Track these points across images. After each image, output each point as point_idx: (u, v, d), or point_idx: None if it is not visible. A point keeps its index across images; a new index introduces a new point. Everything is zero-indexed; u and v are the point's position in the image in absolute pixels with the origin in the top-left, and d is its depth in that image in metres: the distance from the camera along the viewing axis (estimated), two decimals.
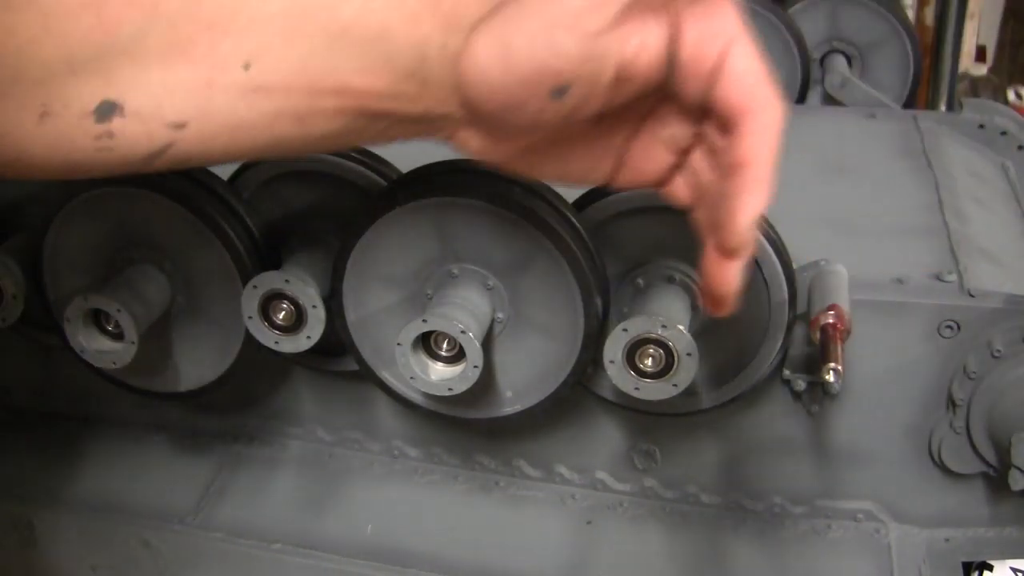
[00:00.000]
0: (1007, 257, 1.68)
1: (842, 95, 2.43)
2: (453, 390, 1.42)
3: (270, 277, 1.49)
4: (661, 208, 1.49)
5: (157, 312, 1.61)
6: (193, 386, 1.73)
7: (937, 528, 1.64)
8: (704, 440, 1.69)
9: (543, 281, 1.46)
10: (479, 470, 1.82)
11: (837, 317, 1.39)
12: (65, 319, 1.54)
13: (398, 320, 1.47)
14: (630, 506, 1.74)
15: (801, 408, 1.62)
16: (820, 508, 1.67)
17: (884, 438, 1.61)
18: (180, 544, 1.79)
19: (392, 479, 1.84)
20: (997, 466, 1.55)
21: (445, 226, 1.46)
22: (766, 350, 1.50)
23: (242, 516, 1.81)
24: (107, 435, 2.00)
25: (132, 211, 1.60)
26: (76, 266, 1.67)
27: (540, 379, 1.53)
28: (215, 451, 1.94)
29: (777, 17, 2.39)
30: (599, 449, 1.75)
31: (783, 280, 1.45)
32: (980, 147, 2.11)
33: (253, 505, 1.83)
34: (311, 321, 1.50)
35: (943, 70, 3.12)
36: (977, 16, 4.99)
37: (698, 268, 0.93)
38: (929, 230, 1.70)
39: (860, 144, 2.05)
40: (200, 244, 1.60)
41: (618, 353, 1.37)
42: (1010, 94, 4.90)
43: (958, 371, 1.53)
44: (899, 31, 2.50)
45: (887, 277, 1.55)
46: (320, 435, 1.90)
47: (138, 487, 1.88)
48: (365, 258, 1.51)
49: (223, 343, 1.67)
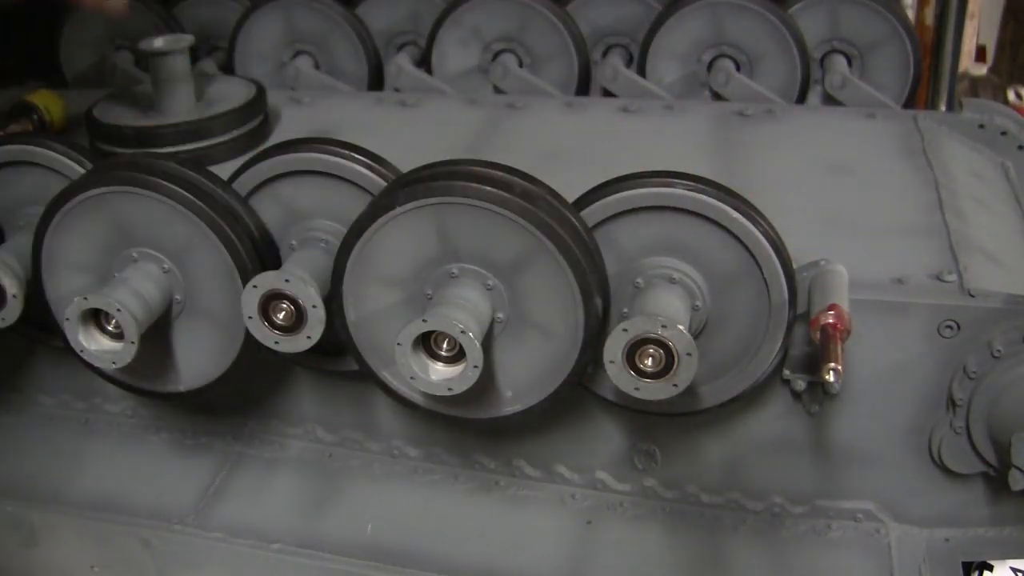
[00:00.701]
0: (1007, 257, 1.68)
1: (842, 95, 2.42)
2: (453, 390, 1.42)
3: (270, 277, 1.49)
4: (661, 208, 1.50)
5: (157, 312, 1.62)
6: (193, 386, 1.73)
7: (937, 528, 1.64)
8: (704, 440, 1.69)
9: (543, 281, 1.46)
10: (479, 470, 1.82)
11: (837, 317, 1.39)
12: (65, 319, 1.55)
13: (398, 320, 1.47)
14: (630, 506, 1.74)
15: (801, 408, 1.62)
16: (820, 508, 1.67)
17: (884, 438, 1.61)
18: (180, 544, 1.79)
19: (392, 479, 1.84)
20: (997, 466, 1.55)
21: (445, 226, 1.46)
22: (766, 350, 1.50)
23: (242, 516, 1.81)
24: (107, 435, 2.01)
25: (132, 211, 1.60)
26: (76, 266, 1.68)
27: (540, 379, 1.53)
28: (215, 451, 1.94)
29: (777, 17, 2.39)
30: (599, 449, 1.75)
31: (783, 280, 1.46)
32: (980, 147, 2.11)
33: (253, 505, 1.83)
34: (311, 321, 1.50)
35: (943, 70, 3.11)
36: (977, 16, 4.99)
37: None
38: (929, 230, 1.70)
39: (860, 144, 2.05)
40: (200, 244, 1.61)
41: (618, 353, 1.37)
42: (1010, 94, 4.90)
43: (958, 371, 1.53)
44: (899, 31, 2.49)
45: (887, 277, 1.55)
46: (320, 435, 1.90)
47: (138, 487, 1.88)
48: (365, 258, 1.51)
49: (223, 343, 1.68)
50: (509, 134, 2.15)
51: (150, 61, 2.02)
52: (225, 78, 2.30)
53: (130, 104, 2.10)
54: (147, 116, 2.03)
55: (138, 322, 1.52)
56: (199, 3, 2.83)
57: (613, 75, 2.49)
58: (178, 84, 2.02)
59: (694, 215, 1.45)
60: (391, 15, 2.76)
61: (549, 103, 2.35)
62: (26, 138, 1.81)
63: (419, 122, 2.26)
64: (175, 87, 2.02)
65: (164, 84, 2.02)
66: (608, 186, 1.49)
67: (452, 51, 2.58)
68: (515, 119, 2.23)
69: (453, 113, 2.30)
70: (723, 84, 2.40)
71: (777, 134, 2.11)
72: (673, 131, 2.14)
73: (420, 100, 2.35)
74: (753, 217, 1.44)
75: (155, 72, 2.02)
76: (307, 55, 2.63)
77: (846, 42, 2.53)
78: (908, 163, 1.95)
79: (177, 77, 2.02)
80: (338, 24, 2.58)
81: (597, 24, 2.64)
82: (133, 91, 2.20)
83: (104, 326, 1.57)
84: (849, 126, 2.15)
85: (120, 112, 2.05)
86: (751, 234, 1.44)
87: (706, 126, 2.15)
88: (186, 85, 2.04)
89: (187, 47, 2.03)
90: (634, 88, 2.46)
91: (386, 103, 2.37)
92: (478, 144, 2.09)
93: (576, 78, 2.53)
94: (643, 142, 2.11)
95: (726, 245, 1.46)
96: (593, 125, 2.21)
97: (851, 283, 1.49)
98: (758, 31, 2.41)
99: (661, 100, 2.37)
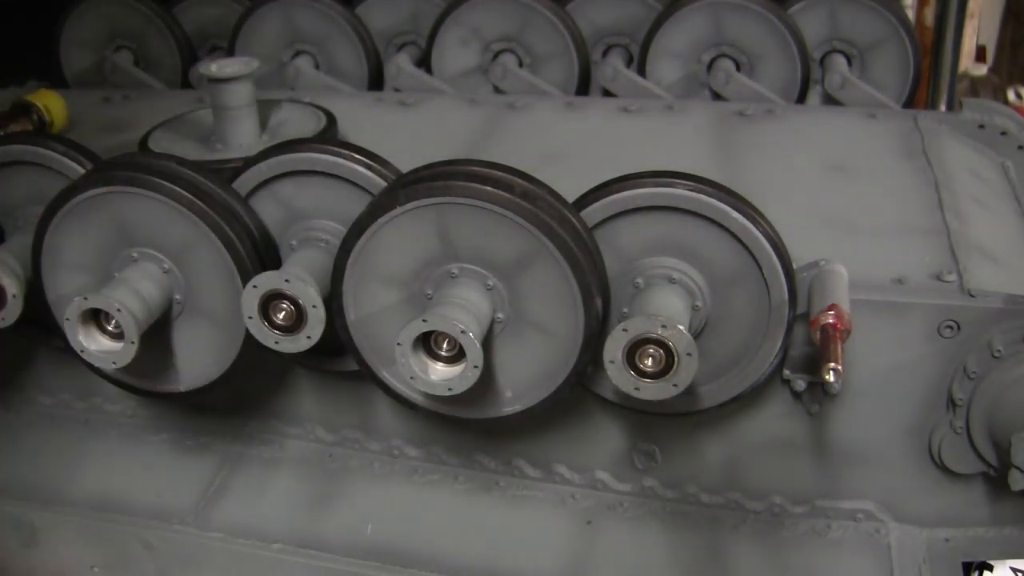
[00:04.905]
0: (1007, 257, 1.68)
1: (842, 95, 2.42)
2: (453, 390, 1.42)
3: (270, 277, 1.49)
4: (661, 208, 1.50)
5: (157, 312, 1.62)
6: (193, 386, 1.73)
7: (937, 528, 1.64)
8: (704, 440, 1.69)
9: (543, 281, 1.46)
10: (479, 470, 1.82)
11: (837, 317, 1.39)
12: (65, 319, 1.55)
13: (398, 320, 1.47)
14: (630, 506, 1.74)
15: (801, 408, 1.62)
16: (820, 508, 1.67)
17: (884, 438, 1.61)
18: (180, 544, 1.79)
19: (392, 479, 1.84)
20: (997, 466, 1.55)
21: (445, 226, 1.46)
22: (766, 350, 1.51)
23: (242, 516, 1.81)
24: (107, 435, 2.01)
25: (132, 211, 1.60)
26: (76, 266, 1.68)
27: (540, 379, 1.53)
28: (215, 451, 1.94)
29: (777, 17, 2.39)
30: (599, 449, 1.75)
31: (783, 280, 1.46)
32: (980, 147, 2.11)
33: (253, 505, 1.83)
34: (311, 321, 1.50)
35: (943, 70, 3.12)
36: (977, 16, 4.99)
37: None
38: (929, 230, 1.70)
39: (860, 144, 2.05)
40: (200, 244, 1.61)
41: (618, 353, 1.37)
42: (1010, 94, 4.90)
43: (958, 371, 1.53)
44: (899, 31, 2.49)
45: (887, 277, 1.55)
46: (320, 435, 1.90)
47: (138, 487, 1.88)
48: (365, 258, 1.51)
49: (223, 343, 1.68)
50: (509, 134, 2.15)
51: (210, 88, 1.87)
52: (290, 105, 2.11)
53: (188, 134, 1.95)
54: (209, 148, 1.89)
55: (138, 322, 1.52)
56: (199, 3, 2.83)
57: (613, 75, 2.49)
58: (242, 113, 1.87)
59: (694, 215, 1.46)
60: (391, 15, 2.76)
61: (549, 103, 2.35)
62: (26, 138, 1.81)
63: (419, 122, 2.26)
64: (239, 117, 1.87)
65: (226, 114, 1.87)
66: (608, 186, 1.49)
67: (452, 51, 2.59)
68: (515, 119, 2.23)
69: (453, 113, 2.30)
70: (723, 84, 2.40)
71: (777, 134, 2.11)
72: (673, 131, 2.14)
73: (420, 100, 2.35)
74: (753, 217, 1.44)
75: (216, 100, 1.87)
76: (307, 55, 2.63)
77: (846, 42, 2.53)
78: (908, 163, 1.95)
79: (241, 105, 1.87)
80: (338, 24, 2.59)
81: (597, 24, 2.65)
82: (191, 118, 2.03)
83: (104, 326, 1.57)
84: (849, 126, 2.15)
85: (178, 143, 1.90)
86: (751, 234, 1.44)
87: (706, 126, 2.15)
88: (250, 115, 1.89)
89: (254, 72, 1.87)
90: (634, 88, 2.46)
91: (386, 103, 2.37)
92: (478, 144, 2.09)
93: (576, 78, 2.53)
94: (643, 142, 2.11)
95: (726, 245, 1.46)
96: (593, 125, 2.21)
97: (851, 283, 1.49)
98: (758, 31, 2.41)
99: (661, 100, 2.37)
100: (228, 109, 1.87)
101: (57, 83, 2.70)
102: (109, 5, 2.71)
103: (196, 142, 1.92)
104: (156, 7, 2.70)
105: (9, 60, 2.63)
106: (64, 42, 2.78)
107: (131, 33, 2.73)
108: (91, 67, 2.77)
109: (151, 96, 2.53)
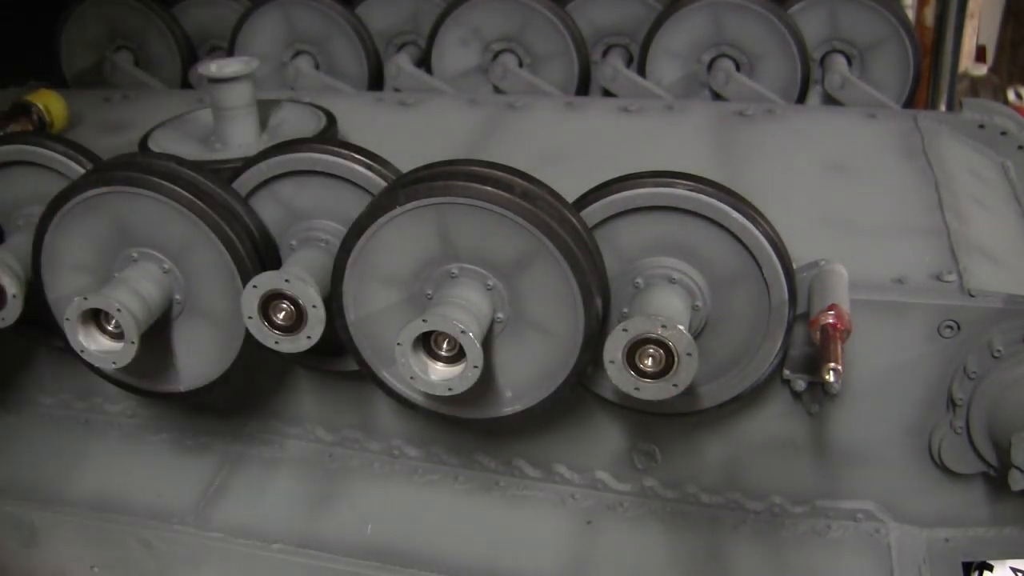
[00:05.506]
0: (1007, 257, 1.68)
1: (842, 95, 2.42)
2: (453, 390, 1.42)
3: (270, 277, 1.49)
4: (661, 208, 1.50)
5: (157, 312, 1.62)
6: (193, 386, 1.73)
7: (937, 528, 1.64)
8: (704, 440, 1.69)
9: (543, 281, 1.46)
10: (479, 470, 1.82)
11: (837, 317, 1.39)
12: (65, 319, 1.55)
13: (398, 320, 1.47)
14: (630, 506, 1.74)
15: (801, 408, 1.62)
16: (820, 508, 1.67)
17: (884, 438, 1.61)
18: (180, 544, 1.79)
19: (392, 479, 1.84)
20: (997, 466, 1.55)
21: (445, 226, 1.46)
22: (766, 350, 1.51)
23: (242, 516, 1.81)
24: (107, 435, 2.01)
25: (132, 211, 1.60)
26: (76, 266, 1.68)
27: (540, 379, 1.53)
28: (215, 451, 1.94)
29: (777, 17, 2.39)
30: (599, 449, 1.75)
31: (783, 280, 1.46)
32: (980, 147, 2.11)
33: (253, 505, 1.83)
34: (311, 321, 1.50)
35: (943, 70, 3.12)
36: (977, 16, 4.99)
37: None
38: (929, 230, 1.70)
39: (860, 144, 2.05)
40: (200, 244, 1.61)
41: (618, 353, 1.37)
42: (1010, 94, 4.90)
43: (958, 371, 1.53)
44: (899, 31, 2.49)
45: (887, 277, 1.55)
46: (320, 435, 1.90)
47: (138, 487, 1.88)
48: (365, 258, 1.51)
49: (223, 343, 1.68)
50: (509, 134, 2.15)
51: (210, 88, 1.87)
52: (290, 105, 2.10)
53: (188, 134, 1.95)
54: (209, 148, 1.89)
55: (138, 322, 1.52)
56: (199, 3, 2.83)
57: (613, 75, 2.49)
58: (242, 113, 1.87)
59: (694, 215, 1.46)
60: (391, 15, 2.76)
61: (549, 103, 2.35)
62: (26, 138, 1.81)
63: (419, 122, 2.26)
64: (239, 117, 1.87)
65: (226, 114, 1.87)
66: (608, 186, 1.49)
67: (452, 51, 2.59)
68: (515, 119, 2.23)
69: (453, 113, 2.30)
70: (723, 84, 2.40)
71: (777, 134, 2.11)
72: (673, 131, 2.14)
73: (420, 100, 2.35)
74: (753, 217, 1.44)
75: (216, 100, 1.87)
76: (307, 55, 2.63)
77: (846, 42, 2.53)
78: (908, 163, 1.95)
79: (242, 105, 1.86)
80: (338, 24, 2.59)
81: (597, 24, 2.65)
82: (191, 118, 2.03)
83: (104, 326, 1.57)
84: (849, 126, 2.15)
85: (178, 143, 1.90)
86: (751, 234, 1.44)
87: (706, 126, 2.15)
88: (250, 114, 1.89)
89: (253, 72, 1.86)
90: (634, 88, 2.47)
91: (386, 103, 2.37)
92: (478, 144, 2.09)
93: (576, 78, 2.53)
94: (643, 142, 2.11)
95: (726, 245, 1.46)
96: (593, 125, 2.21)
97: (851, 283, 1.49)
98: (758, 31, 2.41)
99: (661, 100, 2.37)
100: (228, 109, 1.87)
101: (57, 83, 2.70)
102: (109, 5, 2.72)
103: (196, 142, 1.93)
104: (156, 7, 2.70)
105: (9, 60, 2.63)
106: (64, 42, 2.78)
107: (131, 33, 2.73)
108: (91, 67, 2.78)
109: (151, 96, 2.53)
